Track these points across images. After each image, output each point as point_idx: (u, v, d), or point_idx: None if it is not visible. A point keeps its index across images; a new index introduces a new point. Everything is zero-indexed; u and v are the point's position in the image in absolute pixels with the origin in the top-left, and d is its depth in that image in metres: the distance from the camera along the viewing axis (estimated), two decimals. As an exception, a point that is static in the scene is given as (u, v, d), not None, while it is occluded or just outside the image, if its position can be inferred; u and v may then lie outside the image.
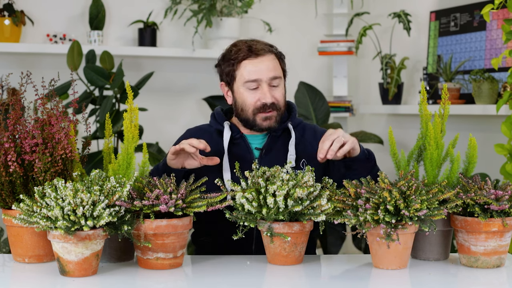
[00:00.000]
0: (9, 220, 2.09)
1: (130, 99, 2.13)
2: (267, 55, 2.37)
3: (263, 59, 2.37)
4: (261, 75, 2.35)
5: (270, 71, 2.36)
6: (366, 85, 4.40)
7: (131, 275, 2.03)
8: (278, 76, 2.38)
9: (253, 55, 2.36)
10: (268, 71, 2.36)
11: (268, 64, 2.36)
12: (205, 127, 2.49)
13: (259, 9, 4.22)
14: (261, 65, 2.36)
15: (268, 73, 2.36)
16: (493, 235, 2.06)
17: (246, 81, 2.36)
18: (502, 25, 2.89)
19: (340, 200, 2.07)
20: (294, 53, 4.32)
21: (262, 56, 2.37)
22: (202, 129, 2.49)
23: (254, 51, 2.37)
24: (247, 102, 2.38)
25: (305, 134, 2.47)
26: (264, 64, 2.36)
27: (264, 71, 2.35)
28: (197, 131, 2.48)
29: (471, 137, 2.21)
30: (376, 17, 4.16)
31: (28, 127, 2.12)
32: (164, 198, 2.01)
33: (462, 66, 3.57)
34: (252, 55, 2.36)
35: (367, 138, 3.86)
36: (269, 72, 2.36)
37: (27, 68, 3.29)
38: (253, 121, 2.39)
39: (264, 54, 2.37)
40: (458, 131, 2.44)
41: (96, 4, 3.76)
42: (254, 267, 2.12)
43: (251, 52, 2.37)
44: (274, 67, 2.38)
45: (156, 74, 3.99)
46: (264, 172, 2.12)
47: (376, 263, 2.08)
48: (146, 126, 3.77)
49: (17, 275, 2.07)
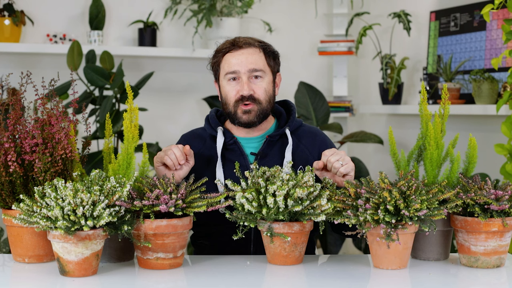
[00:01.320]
0: (9, 220, 2.09)
1: (130, 99, 2.13)
2: (249, 48, 2.36)
3: (244, 51, 2.35)
4: (240, 67, 2.34)
5: (250, 63, 2.34)
6: (366, 85, 4.40)
7: (131, 275, 2.03)
8: (259, 69, 2.35)
9: (235, 47, 2.35)
10: (248, 63, 2.34)
11: (248, 57, 2.34)
12: (200, 131, 2.48)
13: (259, 9, 4.22)
14: (241, 57, 2.34)
15: (248, 65, 2.33)
16: (493, 235, 2.06)
17: (226, 72, 2.36)
18: (502, 25, 2.89)
19: (340, 200, 2.07)
20: (294, 53, 4.33)
21: (244, 48, 2.35)
22: (196, 134, 2.48)
23: (236, 44, 2.36)
24: (228, 95, 2.37)
25: (303, 139, 2.43)
26: (244, 56, 2.34)
27: (244, 63, 2.34)
28: (191, 137, 2.47)
29: (471, 137, 2.21)
30: (376, 17, 4.16)
31: (28, 127, 2.12)
32: (164, 198, 2.01)
33: (462, 66, 3.57)
34: (234, 47, 2.36)
35: (367, 138, 3.85)
36: (248, 64, 2.34)
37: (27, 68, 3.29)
38: (234, 114, 2.36)
39: (246, 47, 2.36)
40: (458, 131, 2.44)
41: (96, 4, 3.76)
42: (254, 267, 2.12)
43: (233, 45, 2.36)
44: (256, 60, 2.35)
45: (156, 74, 3.99)
46: (264, 172, 2.12)
47: (376, 263, 2.08)
48: (146, 126, 3.77)
49: (17, 275, 2.07)
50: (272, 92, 2.40)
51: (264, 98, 2.36)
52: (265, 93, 2.36)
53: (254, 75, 2.35)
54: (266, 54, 2.38)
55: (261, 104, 2.36)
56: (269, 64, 2.39)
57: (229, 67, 2.35)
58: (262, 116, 2.37)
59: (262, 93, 2.36)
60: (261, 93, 2.36)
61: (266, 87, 2.37)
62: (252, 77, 2.35)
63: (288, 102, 2.50)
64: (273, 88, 2.41)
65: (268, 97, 2.37)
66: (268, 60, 2.38)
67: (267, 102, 2.37)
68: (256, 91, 2.35)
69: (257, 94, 2.35)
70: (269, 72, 2.39)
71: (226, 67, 2.36)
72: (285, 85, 3.86)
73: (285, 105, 2.50)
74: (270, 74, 2.39)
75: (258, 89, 2.35)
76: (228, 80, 2.36)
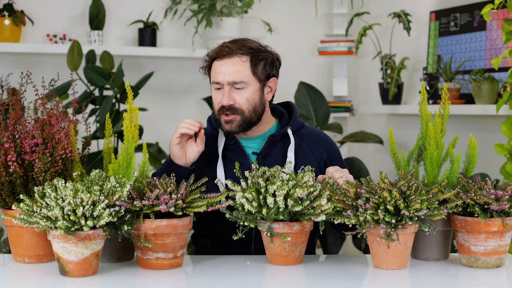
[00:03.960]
0: (9, 220, 2.09)
1: (130, 99, 2.13)
2: (232, 58, 2.32)
3: (226, 61, 2.32)
4: (222, 77, 2.32)
5: (230, 75, 2.31)
6: (366, 85, 4.40)
7: (131, 275, 2.03)
8: (238, 81, 2.31)
9: (219, 56, 2.34)
10: (228, 74, 2.31)
11: (230, 67, 2.31)
12: None
13: (259, 9, 4.22)
14: (223, 67, 2.32)
15: (228, 76, 2.31)
16: (493, 235, 2.06)
17: (212, 81, 2.36)
18: (502, 25, 2.89)
19: (340, 200, 2.07)
20: (294, 53, 4.33)
21: (227, 57, 2.32)
22: None
23: (220, 53, 2.33)
24: (214, 102, 2.37)
25: (305, 139, 2.43)
26: (225, 67, 2.31)
27: (225, 74, 2.31)
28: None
29: (471, 137, 2.21)
30: (376, 17, 4.16)
31: (28, 127, 2.12)
32: (164, 198, 2.01)
33: (462, 66, 3.57)
34: (219, 56, 2.34)
35: (367, 138, 3.85)
36: (228, 75, 2.31)
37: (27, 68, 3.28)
38: (219, 121, 2.36)
39: (229, 56, 2.32)
40: (458, 131, 2.44)
41: (96, 4, 3.76)
42: (254, 267, 2.12)
43: (218, 53, 2.34)
44: (236, 71, 2.31)
45: (156, 74, 3.99)
46: (264, 172, 2.12)
47: (376, 263, 2.08)
48: (146, 126, 3.77)
49: (17, 275, 2.07)
50: (258, 99, 2.35)
51: (247, 107, 2.33)
52: (248, 102, 2.33)
53: (237, 86, 2.32)
54: (252, 62, 2.33)
55: (243, 113, 2.33)
56: (254, 72, 2.33)
57: (214, 77, 2.35)
58: (245, 125, 2.34)
59: (244, 103, 2.32)
60: (243, 102, 2.32)
61: (249, 97, 2.33)
62: (233, 87, 2.33)
63: (290, 103, 2.50)
64: (260, 95, 2.35)
65: (252, 106, 2.33)
66: (253, 69, 2.33)
67: (250, 111, 2.33)
68: (237, 101, 2.32)
69: (238, 104, 2.32)
70: (255, 81, 2.34)
71: (213, 75, 2.36)
72: (285, 85, 3.88)
73: (287, 106, 2.50)
74: (256, 82, 2.34)
75: (239, 99, 2.32)
76: (215, 88, 2.36)
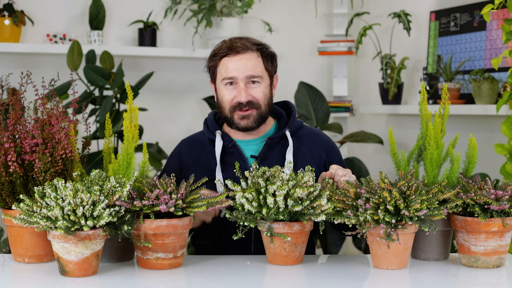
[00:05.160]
0: (9, 220, 2.09)
1: (130, 99, 2.12)
2: (247, 53, 2.33)
3: (241, 57, 2.32)
4: (237, 73, 2.32)
5: (248, 70, 2.32)
6: (366, 85, 4.40)
7: (131, 275, 2.03)
8: (256, 76, 2.33)
9: (232, 52, 2.33)
10: (246, 69, 2.32)
11: (246, 63, 2.32)
12: (199, 135, 2.48)
13: (259, 9, 4.22)
14: (239, 62, 2.32)
15: (245, 72, 2.32)
16: (493, 235, 2.06)
17: (223, 78, 2.34)
18: (502, 25, 2.89)
19: (340, 200, 2.07)
20: (294, 53, 4.33)
21: (241, 53, 2.33)
22: (195, 139, 2.47)
23: (234, 48, 2.33)
24: (224, 99, 2.36)
25: (304, 141, 2.43)
26: (242, 62, 2.32)
27: (241, 69, 2.32)
28: (190, 142, 2.47)
29: (471, 137, 2.21)
30: (376, 17, 4.16)
31: (28, 127, 2.12)
32: (164, 198, 2.01)
33: (462, 66, 3.57)
34: (232, 52, 2.33)
35: (367, 138, 3.85)
36: (246, 71, 2.32)
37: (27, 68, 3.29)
38: (231, 119, 2.36)
39: (243, 52, 2.33)
40: (458, 131, 2.44)
41: (96, 4, 3.76)
42: (254, 267, 2.12)
43: (231, 49, 2.33)
44: (254, 66, 2.33)
45: (156, 74, 3.99)
46: (264, 172, 2.12)
47: (376, 263, 2.08)
48: (146, 126, 3.77)
49: (17, 275, 2.07)
50: (270, 95, 2.39)
51: (263, 102, 2.36)
52: (264, 97, 2.36)
53: (251, 81, 2.34)
54: (263, 57, 2.36)
55: (260, 108, 2.35)
56: (266, 68, 2.37)
57: (227, 73, 2.33)
58: (260, 120, 2.37)
59: (262, 97, 2.35)
60: (260, 97, 2.35)
61: (264, 91, 2.36)
62: (249, 82, 2.34)
63: (288, 103, 2.49)
64: (270, 91, 2.40)
65: (267, 101, 2.37)
66: (265, 64, 2.37)
67: (266, 105, 2.37)
68: (255, 96, 2.34)
69: (256, 99, 2.34)
70: (267, 76, 2.38)
71: (224, 72, 2.34)
72: (285, 85, 3.87)
73: (285, 106, 2.50)
74: (268, 78, 2.38)
75: (256, 94, 2.34)
76: (225, 84, 2.35)
